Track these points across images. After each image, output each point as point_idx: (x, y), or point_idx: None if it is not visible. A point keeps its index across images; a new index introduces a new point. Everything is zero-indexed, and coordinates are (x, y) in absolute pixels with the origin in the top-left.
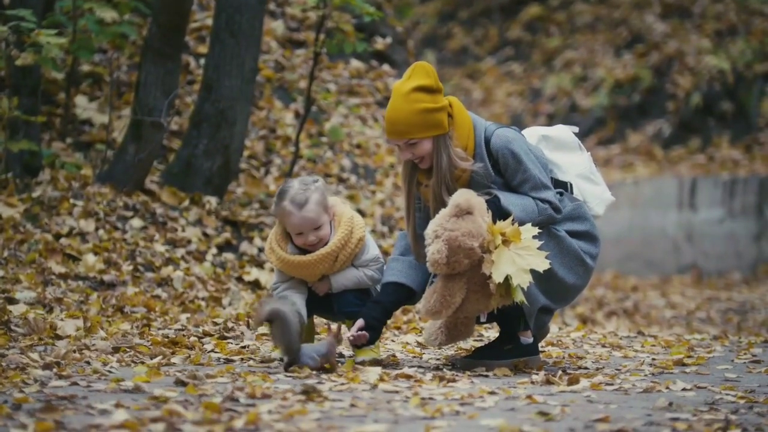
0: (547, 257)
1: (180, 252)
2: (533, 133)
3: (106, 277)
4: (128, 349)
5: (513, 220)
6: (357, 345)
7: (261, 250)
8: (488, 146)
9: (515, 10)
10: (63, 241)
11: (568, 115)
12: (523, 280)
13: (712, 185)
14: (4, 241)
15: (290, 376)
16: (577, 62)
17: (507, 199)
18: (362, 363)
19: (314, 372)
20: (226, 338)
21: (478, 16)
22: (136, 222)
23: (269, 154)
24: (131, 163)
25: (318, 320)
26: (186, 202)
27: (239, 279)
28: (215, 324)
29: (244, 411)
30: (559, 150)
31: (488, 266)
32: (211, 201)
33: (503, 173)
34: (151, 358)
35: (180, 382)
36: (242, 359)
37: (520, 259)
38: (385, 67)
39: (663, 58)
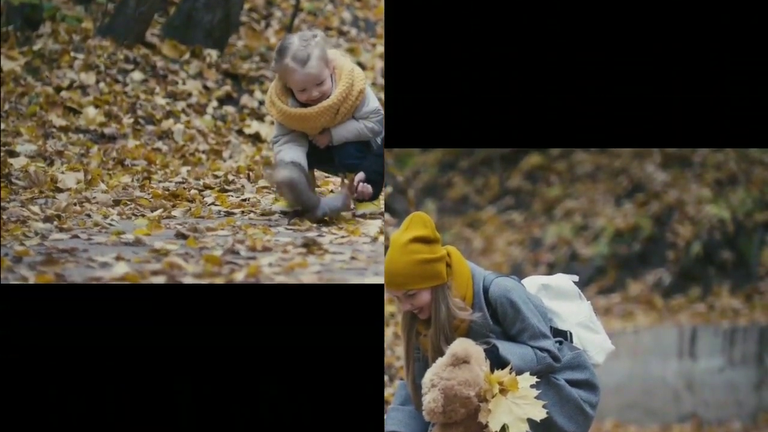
0: (546, 406)
1: (180, 105)
2: (533, 283)
3: (107, 130)
4: (129, 202)
5: (511, 369)
6: (359, 198)
7: (261, 103)
8: (487, 295)
9: (516, 159)
10: (63, 94)
11: (568, 264)
12: (519, 429)
13: (712, 334)
14: (5, 94)
15: (291, 229)
16: (578, 211)
17: (505, 347)
18: (363, 216)
19: (315, 225)
20: (226, 191)
21: (478, 165)
22: (137, 75)
23: (270, 6)
24: (132, 16)
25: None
26: (186, 55)
27: (240, 132)
28: (216, 177)
29: (245, 264)
30: (559, 299)
31: (485, 415)
32: (212, 54)
33: (502, 322)
34: (152, 211)
35: (180, 235)
36: (243, 212)
37: (517, 408)
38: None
39: (663, 207)
